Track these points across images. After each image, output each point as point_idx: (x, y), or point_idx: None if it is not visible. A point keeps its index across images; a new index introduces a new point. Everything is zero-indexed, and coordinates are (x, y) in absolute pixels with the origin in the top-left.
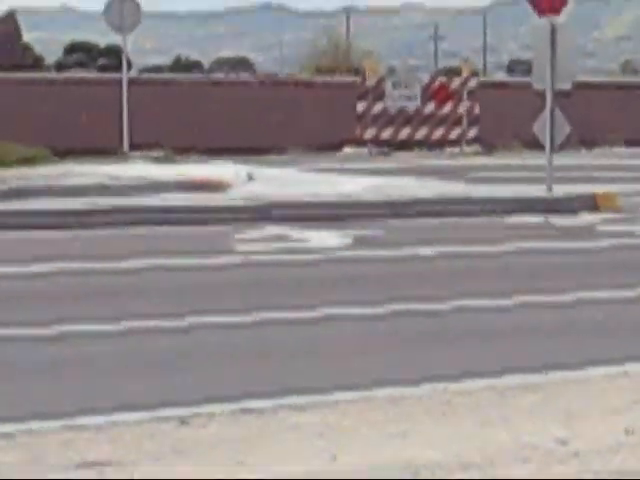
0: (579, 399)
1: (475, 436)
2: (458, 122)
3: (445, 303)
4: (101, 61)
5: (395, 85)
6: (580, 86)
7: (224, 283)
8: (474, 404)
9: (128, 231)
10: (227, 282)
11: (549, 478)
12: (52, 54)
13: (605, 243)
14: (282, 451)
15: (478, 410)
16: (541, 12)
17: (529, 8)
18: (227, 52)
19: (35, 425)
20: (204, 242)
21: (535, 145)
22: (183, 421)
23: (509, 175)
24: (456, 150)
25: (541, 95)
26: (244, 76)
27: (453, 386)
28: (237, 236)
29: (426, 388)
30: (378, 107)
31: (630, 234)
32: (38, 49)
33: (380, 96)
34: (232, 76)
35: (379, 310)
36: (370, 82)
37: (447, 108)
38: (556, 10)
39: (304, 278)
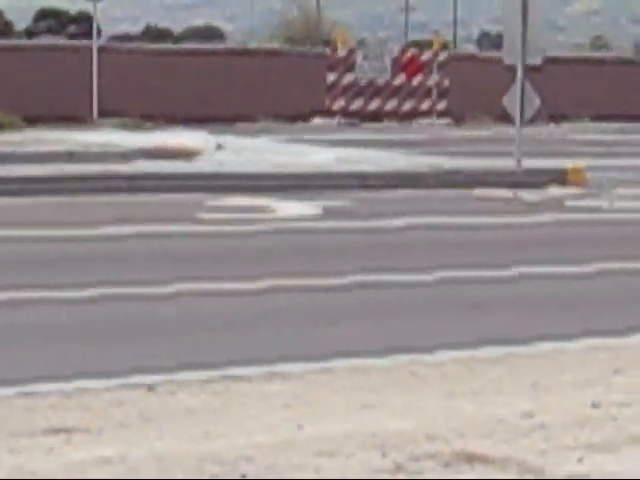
0: (546, 372)
1: (441, 408)
2: (428, 94)
3: (413, 274)
4: (71, 29)
5: (365, 57)
6: (550, 60)
7: (189, 252)
8: (441, 376)
9: (95, 198)
10: (192, 251)
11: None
12: (22, 21)
13: (571, 217)
14: (249, 420)
15: (445, 382)
16: None
17: None
18: (197, 21)
19: (0, 391)
20: (171, 210)
21: (505, 118)
22: (151, 389)
23: (478, 148)
24: (425, 122)
25: (511, 69)
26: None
27: (420, 357)
28: (205, 205)
29: (393, 359)
30: (348, 78)
31: (597, 209)
32: (8, 15)
33: (350, 67)
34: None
35: (346, 281)
36: (340, 53)
37: (417, 80)
38: None
39: (272, 248)
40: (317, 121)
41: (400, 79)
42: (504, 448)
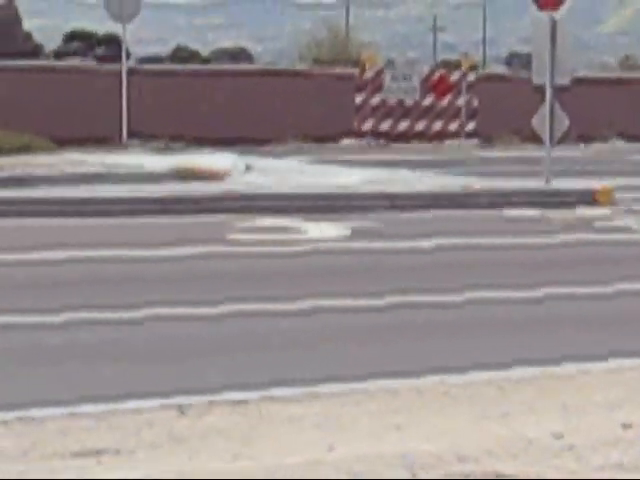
0: (576, 393)
1: (472, 428)
2: (457, 115)
3: (444, 295)
4: (99, 50)
5: (394, 78)
6: (579, 81)
7: (218, 274)
8: (472, 396)
9: (124, 221)
10: (221, 273)
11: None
12: (50, 42)
13: (602, 237)
14: (279, 442)
15: (476, 403)
16: (541, 6)
17: (529, 1)
18: (226, 42)
19: (33, 412)
20: (200, 232)
21: (533, 139)
22: (182, 410)
23: (507, 169)
24: (454, 143)
25: (540, 89)
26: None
27: (452, 378)
28: (234, 226)
29: (425, 380)
30: (376, 99)
31: (627, 229)
32: (38, 37)
33: (379, 88)
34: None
35: (378, 302)
36: (369, 74)
37: (446, 101)
38: (556, 5)
39: (301, 269)
40: (346, 142)
41: (429, 100)
42: (534, 468)
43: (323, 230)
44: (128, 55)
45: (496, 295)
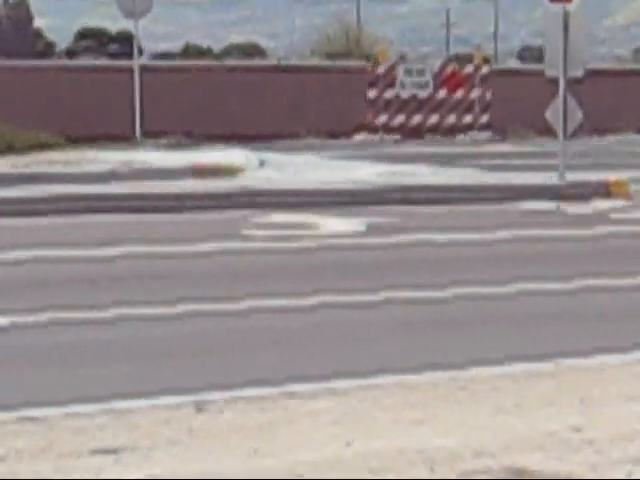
0: (594, 386)
1: (490, 423)
2: (470, 109)
3: (460, 288)
4: (112, 47)
5: (406, 72)
6: (591, 73)
7: (234, 270)
8: (489, 391)
9: (140, 217)
10: (237, 269)
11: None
12: (63, 41)
13: (618, 229)
14: (297, 438)
15: (494, 397)
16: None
17: None
18: (238, 38)
19: (48, 411)
20: (216, 228)
21: (547, 132)
22: (199, 408)
23: (521, 162)
24: (468, 136)
25: (553, 82)
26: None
27: (468, 373)
28: (250, 222)
29: (441, 375)
30: (390, 94)
31: None
32: (49, 35)
33: (392, 83)
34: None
35: (393, 296)
36: (381, 69)
37: (459, 95)
38: None
39: (317, 265)
40: (359, 137)
41: (442, 94)
42: (554, 463)
43: (338, 225)
44: (141, 52)
45: (513, 289)
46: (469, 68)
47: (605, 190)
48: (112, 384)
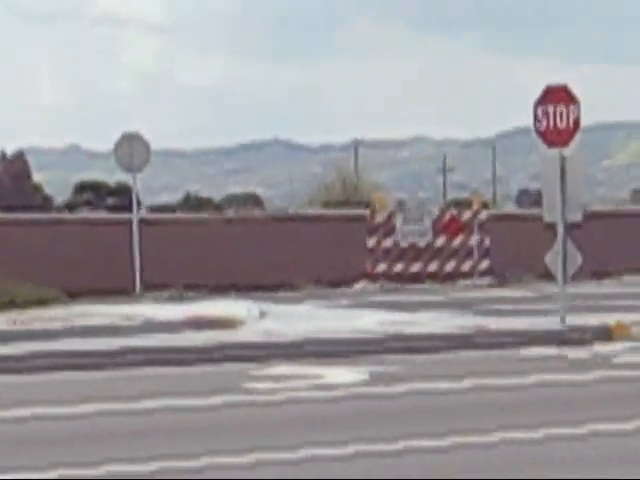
0: None
1: None
2: (469, 255)
3: (469, 437)
4: (110, 200)
5: (405, 220)
6: (590, 216)
7: (236, 423)
8: None
9: (142, 372)
10: (239, 422)
11: None
12: (61, 194)
13: (622, 373)
14: None
15: None
16: (550, 144)
17: (537, 138)
18: (236, 188)
19: None
20: (217, 382)
21: (547, 276)
22: None
23: (522, 307)
24: (468, 283)
25: (552, 226)
26: (254, 212)
27: None
28: (251, 374)
29: None
30: (389, 242)
31: None
32: (47, 189)
33: (390, 231)
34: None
35: (400, 446)
36: (380, 217)
37: (458, 241)
38: (565, 142)
39: (322, 415)
40: (359, 285)
41: (441, 240)
42: None
43: (341, 375)
44: (139, 204)
45: (519, 435)
46: (467, 214)
47: (606, 333)
48: None
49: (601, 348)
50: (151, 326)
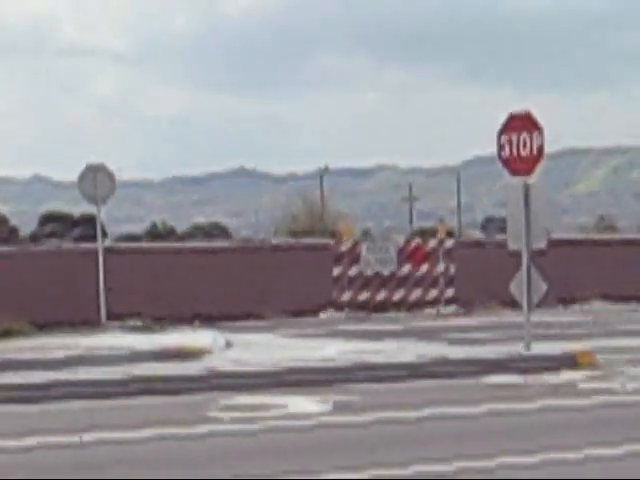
0: None
1: None
2: (435, 283)
3: (430, 465)
4: (76, 231)
5: (370, 249)
6: (555, 243)
7: (202, 453)
8: None
9: (107, 403)
10: (205, 452)
11: None
12: (26, 225)
13: (586, 401)
14: None
15: None
16: (514, 172)
17: (501, 166)
18: (201, 218)
19: None
20: (182, 412)
21: (513, 303)
22: None
23: (487, 335)
24: (434, 311)
25: (517, 254)
26: (219, 243)
27: None
28: (217, 404)
29: None
30: (354, 270)
31: (610, 391)
32: (13, 220)
33: (356, 259)
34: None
35: (363, 476)
36: (345, 246)
37: (423, 269)
38: (529, 171)
39: (286, 445)
40: (325, 314)
41: (406, 269)
42: None
43: (304, 405)
44: (105, 235)
45: (483, 464)
46: (433, 242)
47: (572, 361)
48: None
49: (566, 375)
50: (116, 357)
